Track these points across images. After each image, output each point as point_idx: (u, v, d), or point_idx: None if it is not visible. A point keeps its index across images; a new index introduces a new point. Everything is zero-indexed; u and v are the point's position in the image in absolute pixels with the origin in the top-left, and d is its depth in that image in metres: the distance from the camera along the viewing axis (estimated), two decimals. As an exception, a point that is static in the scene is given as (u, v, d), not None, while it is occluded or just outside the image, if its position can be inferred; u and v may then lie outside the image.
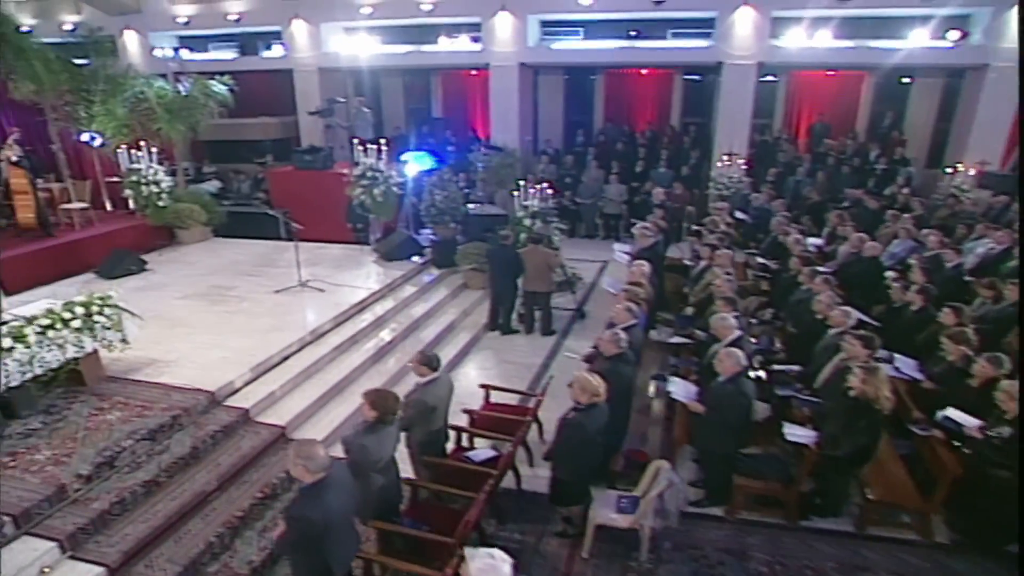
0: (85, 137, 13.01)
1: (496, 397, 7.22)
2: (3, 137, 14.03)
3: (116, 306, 6.65)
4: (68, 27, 15.78)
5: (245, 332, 8.17)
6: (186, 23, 15.46)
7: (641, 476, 5.74)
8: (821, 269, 8.79)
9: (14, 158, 10.26)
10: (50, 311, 6.08)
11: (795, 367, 7.39)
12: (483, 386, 7.30)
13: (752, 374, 6.24)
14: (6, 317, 6.20)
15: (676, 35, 14.68)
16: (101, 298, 6.55)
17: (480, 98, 18.15)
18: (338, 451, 6.69)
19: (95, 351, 6.62)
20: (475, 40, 15.18)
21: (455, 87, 19.04)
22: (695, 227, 12.88)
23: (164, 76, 14.67)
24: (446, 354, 9.06)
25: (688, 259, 11.30)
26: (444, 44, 15.44)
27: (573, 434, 5.38)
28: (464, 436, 6.52)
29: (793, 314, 8.54)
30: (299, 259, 9.84)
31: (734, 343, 6.50)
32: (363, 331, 8.85)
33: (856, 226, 10.56)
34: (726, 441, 6.01)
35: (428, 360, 5.78)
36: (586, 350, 7.85)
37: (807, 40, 13.71)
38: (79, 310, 6.27)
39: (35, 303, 6.85)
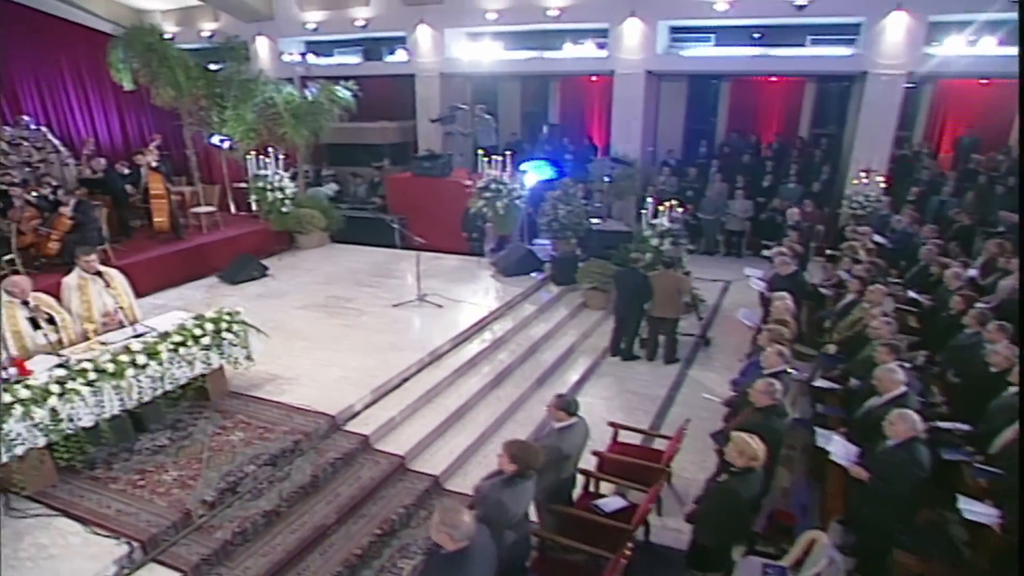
0: (215, 140, 13.37)
1: (623, 435, 6.72)
2: (145, 141, 14.66)
3: (243, 322, 6.55)
4: (206, 34, 16.35)
5: (364, 349, 7.97)
6: (314, 29, 15.70)
7: (786, 540, 5.14)
8: (980, 304, 7.75)
9: (153, 163, 10.54)
10: (182, 328, 6.01)
11: (962, 426, 6.46)
12: (612, 424, 6.79)
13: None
14: (141, 329, 6.19)
15: (816, 42, 13.67)
16: (229, 314, 6.46)
17: (598, 104, 17.62)
18: (456, 483, 6.52)
19: (220, 367, 6.52)
20: (600, 46, 14.65)
21: (573, 93, 18.58)
22: (830, 251, 11.90)
23: (291, 80, 14.97)
24: (565, 380, 8.67)
25: (823, 285, 10.35)
26: (569, 50, 14.98)
27: (724, 501, 4.80)
28: (591, 480, 6.04)
29: (955, 361, 7.52)
30: (419, 272, 9.58)
31: (898, 399, 5.71)
32: (482, 353, 8.50)
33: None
34: (891, 514, 5.24)
35: (566, 404, 5.34)
36: (726, 393, 7.19)
37: (967, 47, 12.37)
38: (209, 327, 6.18)
39: (167, 314, 6.89)
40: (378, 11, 15.13)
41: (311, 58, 16.24)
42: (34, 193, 9.68)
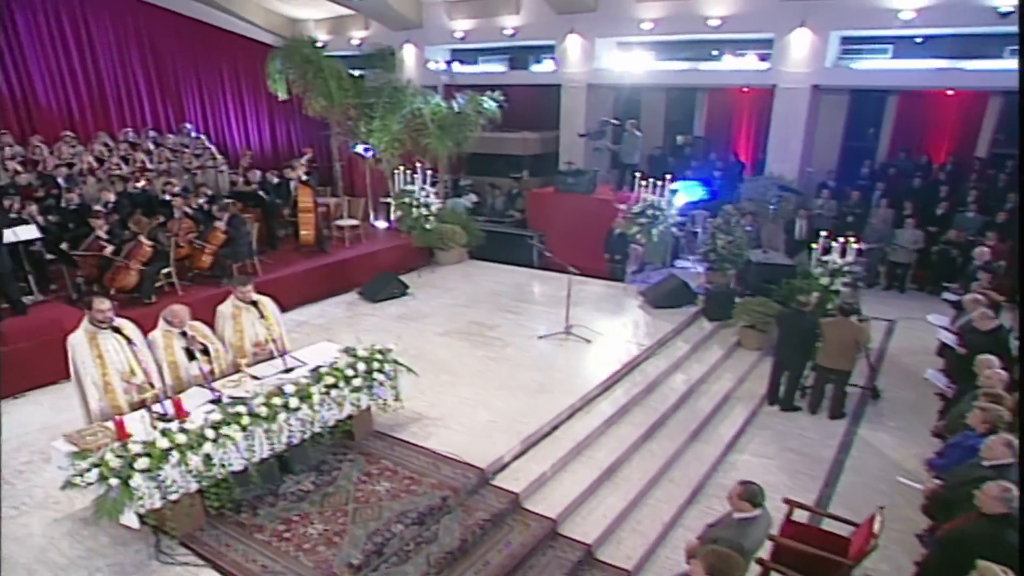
0: (359, 149, 13.39)
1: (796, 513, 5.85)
2: (293, 151, 14.93)
3: (395, 361, 6.19)
4: (355, 42, 16.54)
5: (511, 388, 7.48)
6: (462, 37, 15.50)
7: None
8: None
9: (303, 177, 10.54)
10: (334, 369, 5.70)
11: None
12: (788, 502, 5.92)
13: None
14: (291, 362, 5.96)
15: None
16: (381, 352, 6.12)
17: (748, 117, 16.44)
18: (609, 553, 5.88)
19: (368, 407, 6.20)
20: (762, 58, 13.55)
21: (721, 105, 17.45)
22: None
23: (434, 88, 14.82)
24: (721, 433, 7.85)
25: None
26: (728, 62, 13.98)
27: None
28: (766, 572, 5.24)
29: None
30: (569, 301, 8.99)
31: None
32: (634, 399, 7.81)
33: None
34: None
35: (751, 495, 4.58)
36: (922, 475, 6.17)
37: None
38: (361, 367, 5.85)
39: (315, 345, 6.66)
40: (528, 19, 14.71)
41: (456, 66, 16.06)
42: (192, 205, 9.84)
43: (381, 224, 12.92)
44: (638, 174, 10.68)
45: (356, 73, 13.05)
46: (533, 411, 7.01)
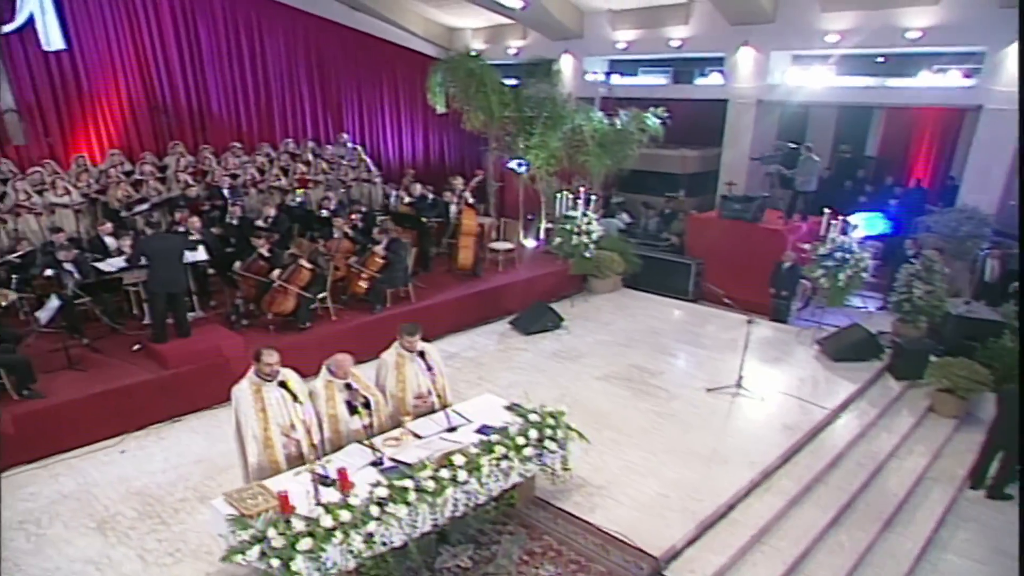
0: (513, 164, 13.03)
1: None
2: (446, 165, 14.81)
3: (568, 427, 5.68)
4: (512, 51, 16.22)
5: (681, 454, 6.77)
6: (624, 48, 14.79)
7: None
8: None
9: (470, 199, 10.30)
10: (505, 436, 5.24)
11: None
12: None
13: None
14: (454, 420, 5.58)
15: None
16: (554, 416, 5.60)
17: (930, 138, 14.70)
18: None
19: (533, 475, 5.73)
20: (967, 75, 11.96)
21: (900, 124, 15.69)
22: None
23: (590, 100, 14.24)
24: (918, 524, 6.79)
25: None
26: (925, 79, 12.46)
27: None
28: None
29: None
30: (745, 353, 8.16)
31: None
32: (818, 475, 6.90)
33: None
34: None
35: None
36: None
37: None
38: (532, 434, 5.36)
39: (477, 398, 6.24)
40: (697, 30, 13.77)
41: (614, 78, 15.37)
42: (351, 225, 9.79)
43: (530, 242, 12.50)
44: (827, 210, 9.60)
45: (512, 82, 12.66)
46: (707, 484, 6.29)
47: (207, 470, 6.47)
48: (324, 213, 10.80)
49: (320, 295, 8.53)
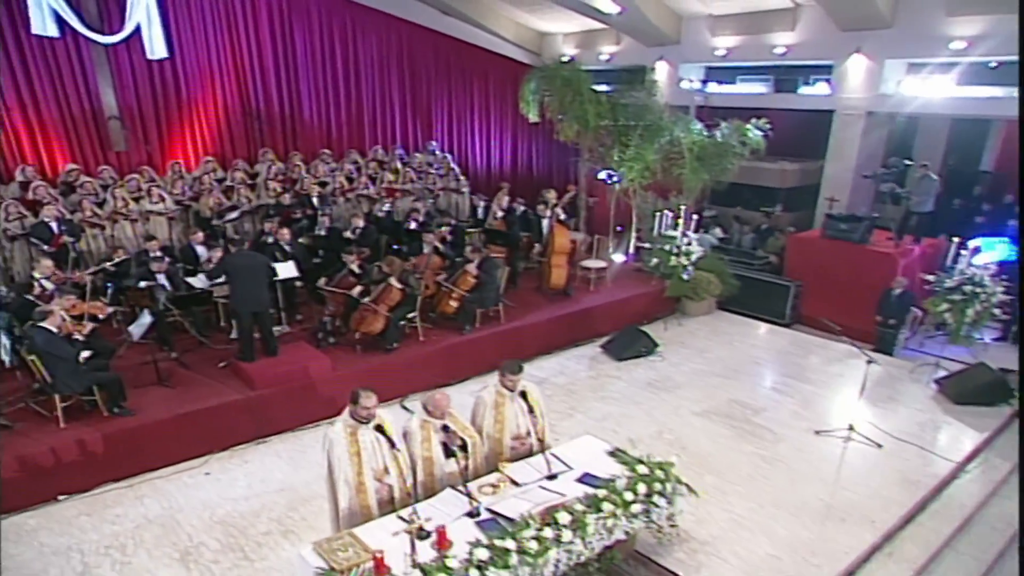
0: (602, 175, 12.59)
1: None
2: (533, 175, 14.49)
3: (679, 480, 5.25)
4: (604, 57, 15.74)
5: (792, 508, 6.20)
6: (723, 55, 14.12)
7: None
8: None
9: (562, 215, 9.95)
10: (611, 491, 4.84)
11: None
12: None
13: None
14: (555, 466, 5.22)
15: None
16: (663, 468, 5.17)
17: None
18: None
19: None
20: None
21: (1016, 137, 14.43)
22: None
23: (685, 109, 13.66)
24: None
25: None
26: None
27: None
28: None
29: None
30: (862, 393, 7.50)
31: None
32: (949, 540, 6.24)
33: None
34: None
35: None
36: None
37: None
38: (641, 489, 4.95)
39: (575, 440, 5.86)
40: (804, 36, 12.97)
41: (711, 87, 14.70)
42: (440, 239, 9.56)
43: (618, 257, 12.01)
44: (953, 238, 8.82)
45: (604, 88, 12.20)
46: (823, 546, 5.72)
47: (291, 500, 6.30)
48: (412, 225, 10.62)
49: (409, 315, 8.30)
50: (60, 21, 10.35)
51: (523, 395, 5.44)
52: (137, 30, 10.91)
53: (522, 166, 15.69)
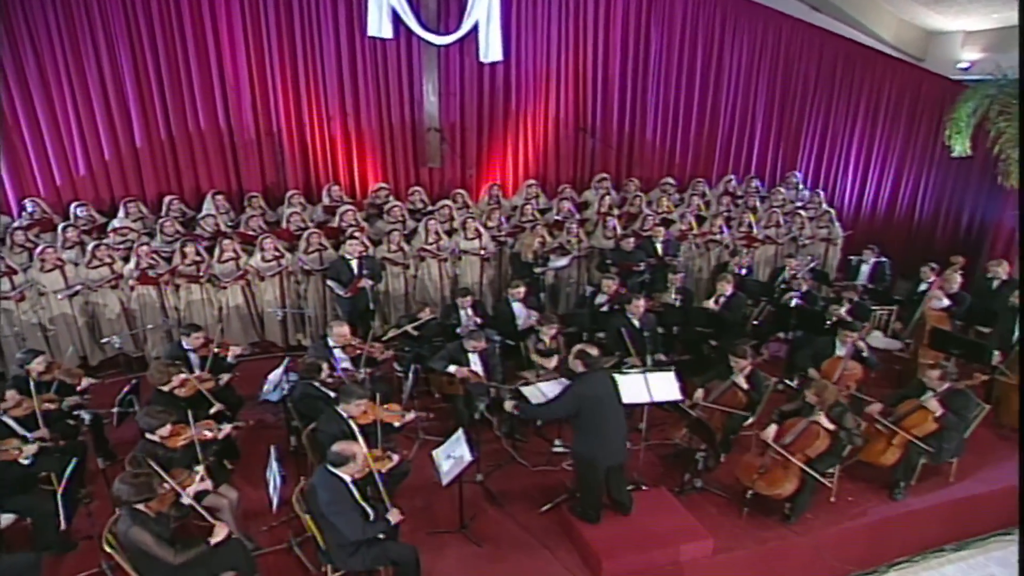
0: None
1: None
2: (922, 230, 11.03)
3: None
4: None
5: None
6: None
7: None
8: None
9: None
10: None
11: None
12: None
13: None
14: None
15: None
16: None
17: None
18: None
19: None
20: None
21: None
22: None
23: None
24: None
25: None
26: None
27: None
28: None
29: None
30: None
31: None
32: None
33: None
34: None
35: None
36: None
37: None
38: None
39: None
40: None
41: None
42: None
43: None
44: None
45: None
46: None
47: None
48: (794, 300, 7.81)
49: (832, 468, 5.63)
50: (396, 22, 9.03)
51: None
52: (474, 29, 9.34)
53: (900, 212, 11.68)
